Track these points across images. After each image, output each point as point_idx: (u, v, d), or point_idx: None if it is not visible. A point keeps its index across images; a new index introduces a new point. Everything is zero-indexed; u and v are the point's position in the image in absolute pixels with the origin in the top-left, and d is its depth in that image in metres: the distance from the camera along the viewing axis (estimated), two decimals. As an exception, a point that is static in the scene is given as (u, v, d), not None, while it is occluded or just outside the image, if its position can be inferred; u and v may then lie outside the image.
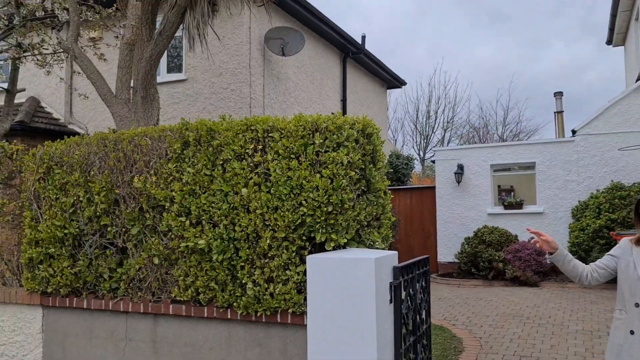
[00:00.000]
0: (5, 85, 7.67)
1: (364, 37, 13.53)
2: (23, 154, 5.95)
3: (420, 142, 30.13)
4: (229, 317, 3.98)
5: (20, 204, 5.54)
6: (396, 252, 3.67)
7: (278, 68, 10.83)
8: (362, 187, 3.78)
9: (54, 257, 4.68)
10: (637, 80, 11.91)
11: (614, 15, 13.13)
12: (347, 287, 3.26)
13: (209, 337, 4.10)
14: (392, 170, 14.52)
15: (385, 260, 3.41)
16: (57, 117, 11.67)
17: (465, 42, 41.56)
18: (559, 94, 15.10)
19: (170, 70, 10.88)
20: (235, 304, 3.90)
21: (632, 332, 2.93)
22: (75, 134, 11.05)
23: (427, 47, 41.96)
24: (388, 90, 18.26)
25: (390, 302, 3.46)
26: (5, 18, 6.63)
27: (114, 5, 7.50)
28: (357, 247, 3.75)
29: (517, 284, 10.96)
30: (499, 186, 13.32)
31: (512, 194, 13.11)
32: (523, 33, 40.74)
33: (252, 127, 3.89)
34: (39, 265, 4.75)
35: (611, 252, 3.18)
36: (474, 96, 42.66)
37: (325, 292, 3.33)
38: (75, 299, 4.63)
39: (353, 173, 3.63)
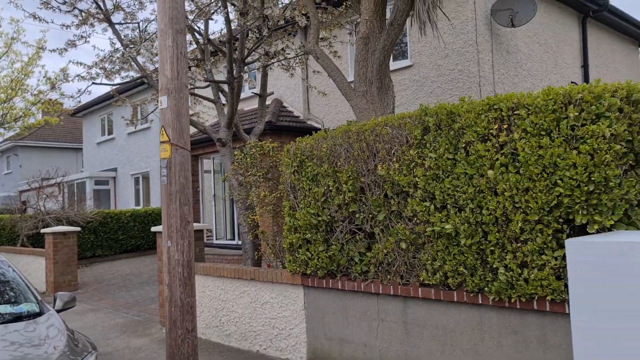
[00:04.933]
0: (257, 91, 8.73)
1: (606, -9, 11.91)
2: (276, 150, 6.70)
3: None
4: (480, 302, 3.90)
5: (278, 194, 6.25)
6: (679, 234, 3.15)
7: (507, 41, 10.21)
8: (630, 162, 3.33)
9: (310, 242, 5.16)
10: None
11: None
12: (619, 275, 2.91)
13: (460, 322, 4.08)
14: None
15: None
16: (297, 114, 12.85)
17: None
18: None
19: (395, 58, 11.08)
20: (486, 288, 3.81)
21: None
22: (313, 128, 12.05)
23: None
24: None
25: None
26: (257, 31, 7.53)
27: (344, 3, 7.94)
28: (627, 229, 3.33)
29: None
30: None
31: None
32: None
33: (495, 106, 3.72)
34: (299, 250, 5.28)
35: None
36: None
37: (590, 280, 3.02)
38: (330, 280, 5.04)
39: (618, 147, 3.22)
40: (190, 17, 7.59)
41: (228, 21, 7.05)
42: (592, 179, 3.23)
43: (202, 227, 7.58)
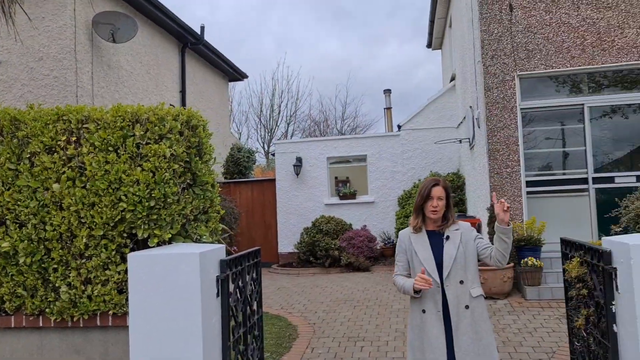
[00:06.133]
0: None
1: (202, 28, 13.22)
2: None
3: (265, 135, 30.41)
4: (41, 324, 3.64)
5: None
6: (224, 245, 3.65)
7: (109, 55, 10.13)
8: (188, 181, 3.69)
9: None
10: (450, 81, 13.28)
11: (432, 21, 14.43)
12: (172, 284, 3.17)
13: (18, 348, 3.71)
14: (233, 163, 14.45)
15: (212, 254, 3.38)
16: None
17: (310, 36, 42.83)
18: (387, 91, 16.24)
19: (-22, 51, 9.60)
20: (47, 310, 3.59)
21: (424, 311, 3.22)
22: None
23: (274, 40, 42.36)
24: (231, 83, 18.11)
25: (218, 295, 3.43)
26: None
27: None
28: (184, 242, 3.67)
29: (351, 269, 11.61)
30: (336, 177, 13.98)
31: (348, 184, 13.84)
32: (363, 30, 42.94)
33: (65, 117, 3.59)
34: None
35: (397, 250, 3.50)
36: (315, 91, 44.17)
37: (148, 290, 3.20)
38: None
39: (177, 166, 3.53)
40: None
41: None
42: (153, 195, 3.44)
43: None
